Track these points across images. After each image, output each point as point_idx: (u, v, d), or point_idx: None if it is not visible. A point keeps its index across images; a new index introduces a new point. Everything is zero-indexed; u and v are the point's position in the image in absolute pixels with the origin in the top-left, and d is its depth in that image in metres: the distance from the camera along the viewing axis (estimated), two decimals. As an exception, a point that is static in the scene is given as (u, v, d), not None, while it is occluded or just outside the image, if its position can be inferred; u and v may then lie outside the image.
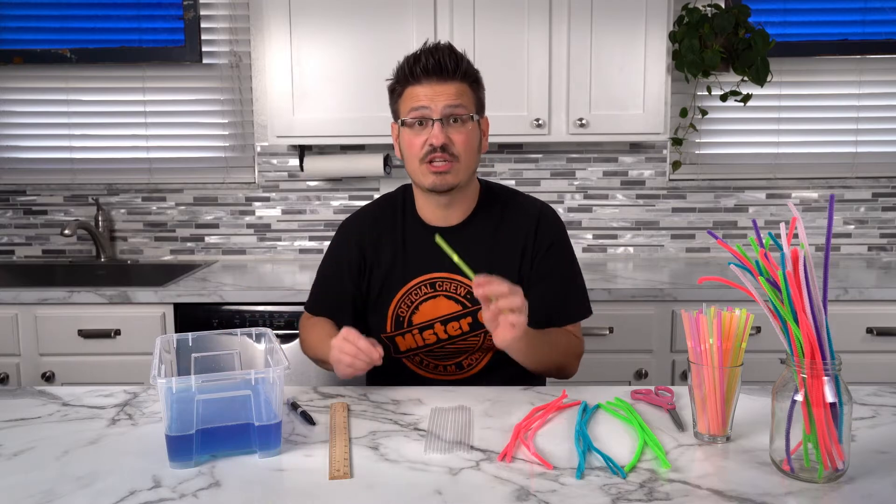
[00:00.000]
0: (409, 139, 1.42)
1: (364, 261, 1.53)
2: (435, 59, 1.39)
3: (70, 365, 2.25)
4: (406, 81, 1.42)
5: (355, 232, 1.56)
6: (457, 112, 1.40)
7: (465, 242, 1.46)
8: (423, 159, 1.41)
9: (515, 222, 1.51)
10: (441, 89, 1.39)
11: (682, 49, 2.44)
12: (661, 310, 2.21)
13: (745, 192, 2.76)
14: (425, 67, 1.39)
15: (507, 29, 2.34)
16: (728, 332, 1.07)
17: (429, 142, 1.39)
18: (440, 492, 0.95)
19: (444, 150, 1.39)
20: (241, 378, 1.07)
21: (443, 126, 1.39)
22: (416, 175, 1.45)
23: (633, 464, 1.02)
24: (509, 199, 1.55)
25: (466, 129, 1.42)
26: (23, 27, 2.74)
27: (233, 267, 2.68)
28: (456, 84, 1.40)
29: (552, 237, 1.51)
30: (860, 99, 2.71)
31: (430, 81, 1.39)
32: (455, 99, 1.40)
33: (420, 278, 1.49)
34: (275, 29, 2.37)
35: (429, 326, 1.48)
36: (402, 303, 1.49)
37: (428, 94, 1.39)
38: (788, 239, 0.97)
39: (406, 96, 1.42)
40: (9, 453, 1.08)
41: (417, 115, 1.40)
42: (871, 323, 2.18)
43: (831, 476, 0.96)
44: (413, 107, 1.40)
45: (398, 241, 1.52)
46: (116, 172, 2.81)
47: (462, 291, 1.47)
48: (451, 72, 1.39)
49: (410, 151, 1.43)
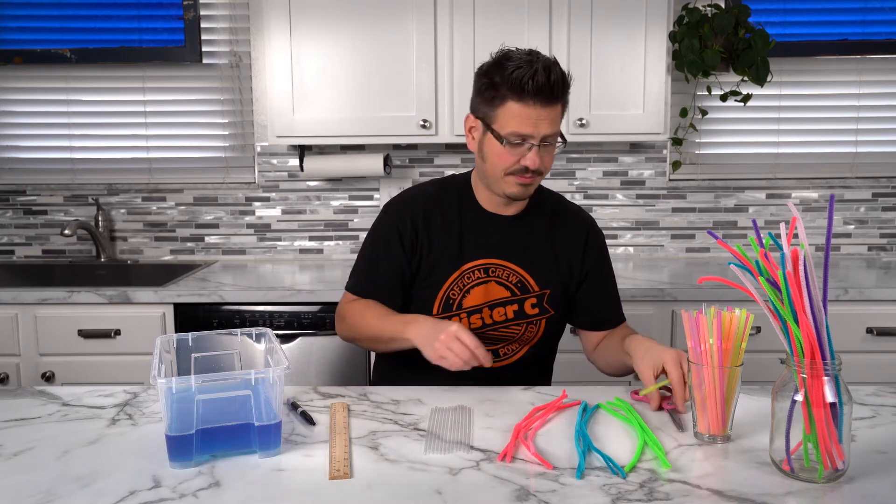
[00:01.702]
0: (501, 153, 1.41)
1: (418, 238, 1.52)
2: (549, 82, 1.35)
3: (70, 365, 2.25)
4: (511, 93, 1.37)
5: (408, 210, 1.54)
6: (551, 139, 1.41)
7: (520, 234, 1.53)
8: (512, 173, 1.43)
9: (568, 226, 1.57)
10: (545, 114, 1.37)
11: (682, 49, 2.44)
12: (661, 310, 2.21)
13: (745, 192, 2.76)
14: (540, 89, 1.35)
15: (507, 29, 2.34)
16: (728, 332, 1.07)
17: (523, 163, 1.40)
18: (440, 492, 0.95)
19: (534, 170, 1.41)
20: (241, 378, 1.07)
21: (538, 149, 1.39)
22: (496, 181, 1.46)
23: (633, 464, 1.02)
24: (556, 202, 1.61)
25: (553, 151, 1.44)
26: (23, 27, 2.74)
27: (233, 267, 2.68)
28: (558, 107, 1.39)
29: (601, 245, 1.60)
30: (860, 99, 2.71)
31: (537, 104, 1.36)
32: (554, 126, 1.40)
33: (475, 262, 1.51)
34: (275, 29, 2.37)
35: (477, 311, 1.50)
36: (455, 285, 1.51)
37: (532, 118, 1.37)
38: (788, 239, 0.97)
39: (507, 110, 1.38)
40: (9, 453, 1.08)
41: (518, 139, 1.39)
42: (871, 323, 2.18)
43: (831, 476, 0.96)
44: (516, 131, 1.38)
45: (455, 224, 1.53)
46: (116, 172, 2.81)
47: (514, 279, 1.51)
48: (559, 96, 1.38)
49: (499, 163, 1.43)
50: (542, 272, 1.52)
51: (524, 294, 1.51)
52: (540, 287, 1.52)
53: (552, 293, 1.53)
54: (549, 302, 1.53)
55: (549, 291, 1.52)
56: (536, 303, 1.52)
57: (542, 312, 1.53)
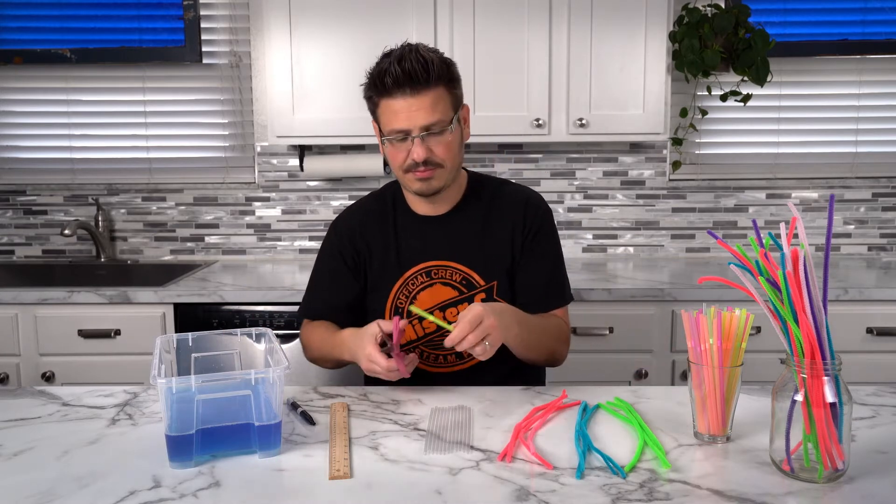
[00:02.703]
0: (392, 153, 1.42)
1: (358, 255, 1.54)
2: (404, 70, 1.33)
3: (70, 365, 2.25)
4: (379, 93, 1.38)
5: (346, 228, 1.56)
6: (435, 127, 1.38)
7: (455, 231, 1.51)
8: (407, 170, 1.42)
9: (504, 210, 1.53)
10: (417, 103, 1.35)
11: (682, 49, 2.44)
12: (661, 310, 2.21)
13: (745, 192, 2.76)
14: (396, 80, 1.34)
15: (507, 29, 2.34)
16: (728, 332, 1.07)
17: (410, 157, 1.39)
18: (440, 492, 0.95)
19: (426, 162, 1.39)
20: (241, 378, 1.07)
21: (423, 140, 1.37)
22: (402, 181, 1.48)
23: (633, 464, 1.02)
24: (497, 188, 1.56)
25: (446, 139, 1.40)
26: (23, 27, 2.74)
27: (233, 267, 2.68)
28: (431, 92, 1.36)
29: (540, 222, 1.52)
30: (860, 99, 2.71)
31: (403, 94, 1.35)
32: (431, 114, 1.36)
33: (416, 267, 1.50)
34: (275, 29, 2.37)
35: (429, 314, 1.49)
36: (401, 293, 1.50)
37: (404, 111, 1.36)
38: (788, 239, 0.97)
39: (383, 110, 1.39)
40: (9, 453, 1.08)
41: (397, 135, 1.39)
42: (871, 323, 2.18)
43: (831, 476, 0.96)
44: (392, 128, 1.38)
45: (391, 233, 1.53)
46: (116, 172, 2.81)
47: (458, 277, 1.49)
48: (424, 80, 1.34)
49: (394, 162, 1.43)
50: (484, 265, 1.49)
51: (471, 290, 1.49)
52: (486, 281, 1.49)
53: (500, 284, 1.50)
54: (499, 294, 1.49)
55: (495, 283, 1.49)
56: (486, 298, 1.49)
57: None
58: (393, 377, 1.28)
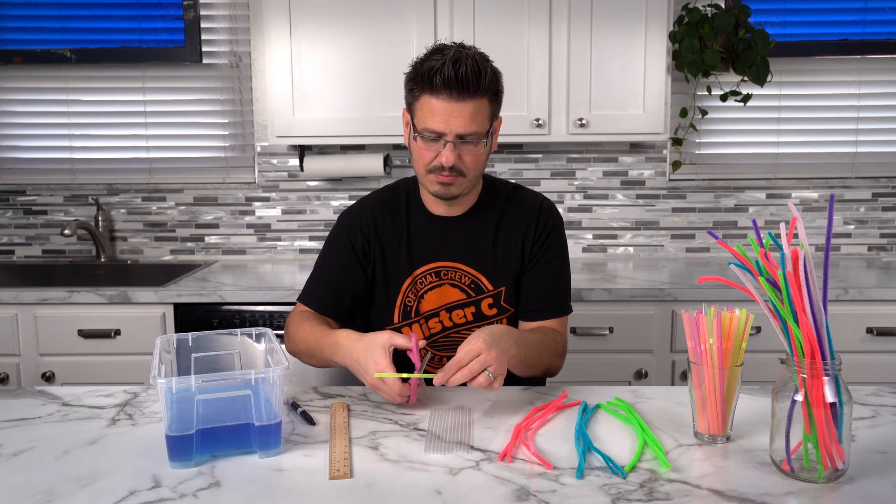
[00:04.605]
0: (419, 150, 1.40)
1: (369, 247, 1.52)
2: (457, 74, 1.30)
3: (70, 365, 2.25)
4: (423, 89, 1.35)
5: (358, 220, 1.53)
6: (470, 137, 1.36)
7: (468, 234, 1.50)
8: (431, 170, 1.40)
9: (516, 215, 1.52)
10: (458, 109, 1.33)
11: (682, 49, 2.44)
12: (661, 310, 2.21)
13: (745, 192, 2.76)
14: (447, 81, 1.31)
15: (507, 29, 2.34)
16: (728, 332, 1.07)
17: (438, 160, 1.37)
18: (440, 492, 0.95)
19: (452, 168, 1.38)
20: (241, 378, 1.07)
21: (455, 147, 1.36)
22: (421, 179, 1.46)
23: (633, 464, 1.02)
24: (511, 193, 1.56)
25: (478, 150, 1.39)
26: (23, 27, 2.74)
27: (233, 267, 2.68)
28: (475, 102, 1.34)
29: (550, 230, 1.52)
30: (860, 99, 2.71)
31: (449, 97, 1.32)
32: (470, 123, 1.34)
33: (426, 267, 1.50)
34: (275, 29, 2.37)
35: (434, 315, 1.49)
36: (410, 291, 1.50)
37: (444, 113, 1.33)
38: (788, 239, 0.97)
39: (422, 104, 1.36)
40: (9, 453, 1.08)
41: (430, 134, 1.36)
42: (871, 323, 2.18)
43: (831, 476, 0.96)
44: (427, 126, 1.36)
45: (403, 230, 1.51)
46: (116, 172, 2.81)
47: (467, 280, 1.49)
48: (473, 89, 1.32)
49: (419, 159, 1.41)
50: (493, 270, 1.49)
51: (479, 295, 1.49)
52: (494, 286, 1.49)
53: (508, 290, 1.49)
54: (506, 300, 1.49)
55: (504, 289, 1.49)
56: (493, 303, 1.49)
57: (502, 312, 1.50)
58: (397, 401, 1.24)
